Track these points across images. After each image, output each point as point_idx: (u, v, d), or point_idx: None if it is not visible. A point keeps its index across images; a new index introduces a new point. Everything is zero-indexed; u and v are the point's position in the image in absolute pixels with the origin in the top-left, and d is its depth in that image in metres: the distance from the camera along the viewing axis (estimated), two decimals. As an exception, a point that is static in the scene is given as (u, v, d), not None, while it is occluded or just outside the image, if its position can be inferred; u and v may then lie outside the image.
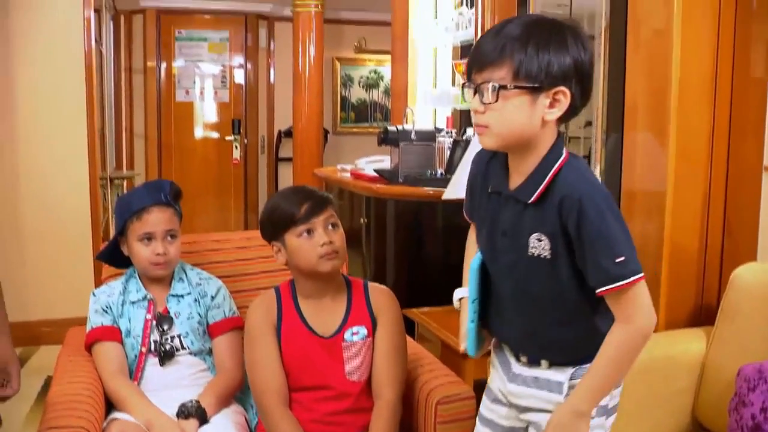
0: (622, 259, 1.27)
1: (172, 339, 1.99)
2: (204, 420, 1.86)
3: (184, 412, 1.85)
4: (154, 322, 1.98)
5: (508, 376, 1.49)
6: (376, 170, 3.67)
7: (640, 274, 1.29)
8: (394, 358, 1.88)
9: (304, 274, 1.86)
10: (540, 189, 1.32)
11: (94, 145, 4.11)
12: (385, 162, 3.79)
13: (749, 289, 1.92)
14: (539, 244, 1.34)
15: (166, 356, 1.97)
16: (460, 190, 1.54)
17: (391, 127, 3.62)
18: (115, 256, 2.07)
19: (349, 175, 3.91)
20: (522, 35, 1.27)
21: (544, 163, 1.33)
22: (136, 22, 6.90)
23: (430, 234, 3.39)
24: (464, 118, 3.81)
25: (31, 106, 3.96)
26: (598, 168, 2.52)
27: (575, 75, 1.29)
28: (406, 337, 1.98)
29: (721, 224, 2.19)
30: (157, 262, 1.97)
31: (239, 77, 7.22)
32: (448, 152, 3.43)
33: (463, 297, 1.54)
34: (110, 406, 1.91)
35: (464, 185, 1.54)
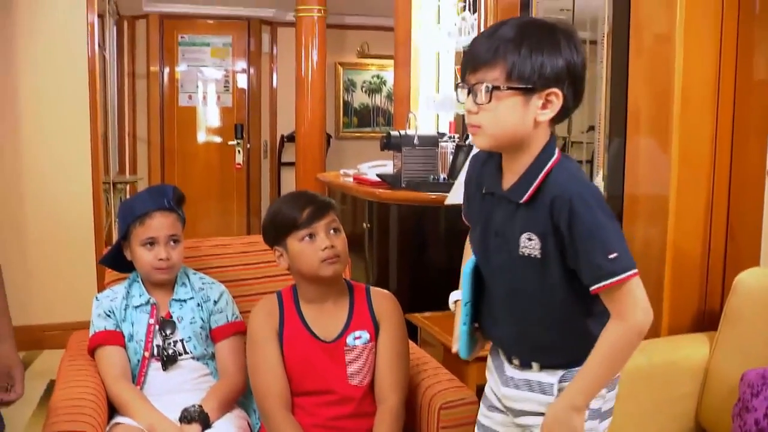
0: (615, 255, 1.28)
1: (175, 343, 1.99)
2: (207, 424, 1.86)
3: (187, 417, 1.85)
4: (157, 327, 1.98)
5: (501, 380, 1.50)
6: (378, 175, 3.67)
7: (634, 270, 1.29)
8: (396, 362, 1.88)
9: (306, 279, 1.87)
10: (531, 189, 1.34)
11: (98, 150, 4.12)
12: (387, 167, 3.79)
13: (752, 294, 1.92)
14: (530, 244, 1.34)
15: (168, 361, 1.97)
16: (462, 195, 1.55)
17: (394, 132, 3.61)
18: (118, 261, 2.07)
19: (352, 179, 3.91)
20: (515, 37, 1.28)
21: (536, 164, 1.34)
22: (139, 27, 6.92)
23: (433, 239, 3.39)
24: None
25: (35, 110, 3.97)
26: (600, 173, 2.52)
27: (568, 77, 1.30)
28: (409, 342, 1.98)
29: (724, 229, 2.19)
30: (160, 266, 1.98)
31: (242, 82, 7.22)
32: (451, 157, 3.43)
33: (458, 300, 1.54)
34: (113, 411, 1.92)
35: None
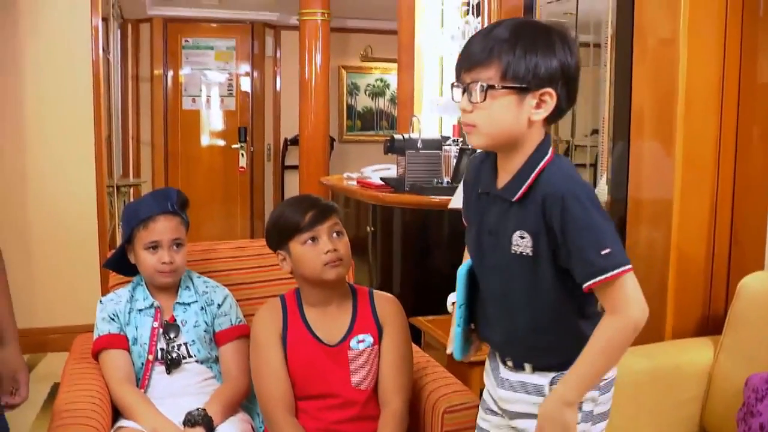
0: (608, 251, 1.28)
1: (179, 347, 1.99)
2: (210, 428, 1.86)
3: (191, 420, 1.84)
4: (161, 330, 1.99)
5: (497, 382, 1.50)
6: (382, 178, 3.67)
7: (627, 266, 1.29)
8: (400, 366, 1.88)
9: (309, 282, 1.87)
10: (524, 187, 1.34)
11: (101, 153, 4.13)
12: (391, 170, 3.80)
13: (757, 298, 1.92)
14: (522, 242, 1.35)
15: (172, 364, 1.98)
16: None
17: (398, 136, 3.62)
18: (122, 264, 2.07)
19: (356, 183, 3.92)
20: (510, 37, 1.30)
21: (530, 162, 1.35)
22: (143, 31, 6.94)
23: (437, 242, 3.39)
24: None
25: (39, 114, 3.98)
26: (604, 176, 2.52)
27: (561, 77, 1.31)
28: (413, 346, 1.98)
29: (728, 232, 2.19)
30: (164, 270, 1.98)
31: (246, 85, 7.24)
32: (455, 161, 3.43)
33: (456, 301, 1.54)
34: (117, 414, 1.92)
35: None
